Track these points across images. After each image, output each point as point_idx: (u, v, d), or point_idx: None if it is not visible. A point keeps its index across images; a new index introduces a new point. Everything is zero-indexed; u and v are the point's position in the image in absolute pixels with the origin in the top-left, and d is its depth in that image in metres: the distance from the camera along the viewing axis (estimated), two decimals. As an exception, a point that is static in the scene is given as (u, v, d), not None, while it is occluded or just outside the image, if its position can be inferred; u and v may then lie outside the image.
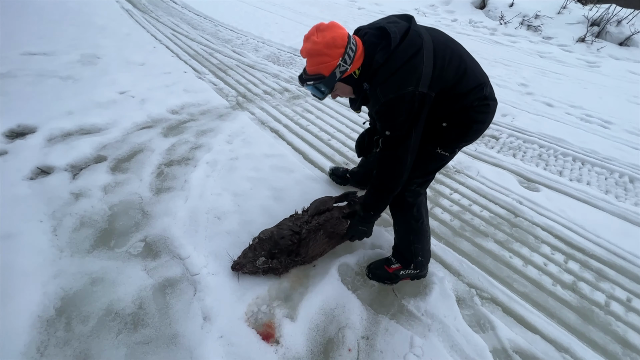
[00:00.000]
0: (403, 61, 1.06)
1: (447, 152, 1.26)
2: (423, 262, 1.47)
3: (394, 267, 1.50)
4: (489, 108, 1.19)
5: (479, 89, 1.15)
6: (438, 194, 2.20)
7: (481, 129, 1.24)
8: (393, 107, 1.09)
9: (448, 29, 7.38)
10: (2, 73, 3.02)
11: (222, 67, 3.96)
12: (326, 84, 1.16)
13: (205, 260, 1.51)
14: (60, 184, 1.84)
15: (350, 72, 1.15)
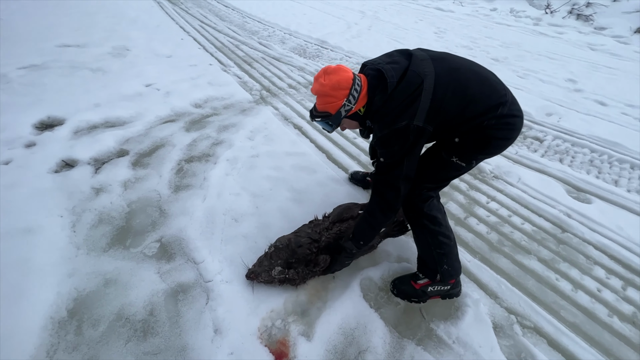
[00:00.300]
0: (399, 102, 1.12)
1: (464, 163, 1.24)
2: (451, 272, 1.34)
3: (421, 282, 1.38)
4: (510, 126, 1.18)
5: (491, 110, 1.14)
6: (473, 202, 2.00)
7: (504, 145, 1.23)
8: (388, 139, 1.16)
9: (486, 20, 6.89)
10: (38, 65, 3.11)
11: (248, 59, 3.89)
12: (333, 121, 1.25)
13: (220, 266, 1.43)
14: (83, 178, 1.84)
15: (355, 110, 1.23)
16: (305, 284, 1.41)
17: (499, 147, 1.23)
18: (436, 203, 1.35)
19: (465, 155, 1.23)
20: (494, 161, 2.35)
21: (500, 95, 1.16)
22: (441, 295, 1.40)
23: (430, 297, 1.39)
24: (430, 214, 1.31)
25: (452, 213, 1.91)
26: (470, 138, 1.19)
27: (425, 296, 1.38)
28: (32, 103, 2.47)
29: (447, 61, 1.20)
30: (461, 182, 2.18)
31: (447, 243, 1.33)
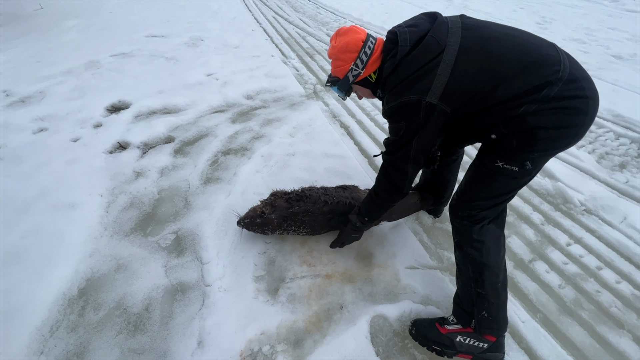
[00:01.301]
0: (410, 72, 0.97)
1: (515, 167, 0.97)
2: (490, 323, 1.04)
3: (450, 328, 1.10)
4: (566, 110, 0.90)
5: (532, 92, 0.89)
6: (546, 241, 1.55)
7: (563, 136, 0.93)
8: (395, 114, 1.03)
9: (613, 7, 5.56)
10: (126, 53, 3.49)
11: (311, 51, 3.78)
12: (340, 87, 1.17)
13: (223, 272, 1.35)
14: (129, 161, 1.95)
15: (364, 76, 1.12)
16: (305, 315, 1.23)
17: (557, 140, 0.93)
18: (492, 228, 1.08)
19: (511, 156, 0.96)
20: (588, 189, 1.81)
21: (549, 74, 0.89)
22: (474, 355, 1.07)
23: (457, 353, 1.08)
24: (480, 240, 1.06)
25: (514, 251, 1.51)
26: (511, 132, 0.94)
27: (452, 348, 1.08)
28: (110, 87, 2.76)
29: (482, 29, 0.97)
30: (535, 211, 1.72)
31: (494, 283, 1.05)
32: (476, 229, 1.06)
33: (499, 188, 1.03)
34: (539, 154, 0.96)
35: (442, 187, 1.55)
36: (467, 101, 0.95)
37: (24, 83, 2.84)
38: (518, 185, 1.03)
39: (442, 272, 1.40)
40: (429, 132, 1.01)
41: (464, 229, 1.08)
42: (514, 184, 1.02)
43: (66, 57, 3.42)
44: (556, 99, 0.89)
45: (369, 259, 1.46)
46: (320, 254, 1.47)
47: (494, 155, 0.99)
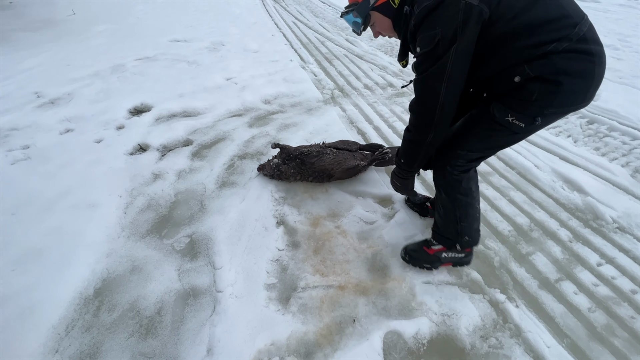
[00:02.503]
0: None
1: (523, 122, 0.93)
2: (470, 242, 1.24)
3: (435, 248, 1.29)
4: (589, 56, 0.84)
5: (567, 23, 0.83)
6: (575, 260, 1.46)
7: (579, 90, 0.88)
8: (428, 16, 0.89)
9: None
10: (150, 57, 3.60)
11: (329, 56, 3.78)
12: (359, 11, 1.06)
13: (235, 278, 1.34)
14: (148, 163, 1.99)
15: None
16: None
17: (574, 94, 0.89)
18: (473, 174, 1.17)
19: (526, 110, 0.92)
20: (622, 205, 1.70)
21: (580, 15, 0.87)
22: (453, 263, 1.32)
23: (442, 264, 1.33)
24: (468, 187, 1.14)
25: (538, 269, 1.43)
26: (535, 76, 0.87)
27: (438, 262, 1.32)
28: (134, 90, 2.84)
29: None
30: (562, 227, 1.63)
31: (474, 214, 1.19)
32: (465, 177, 1.12)
33: (496, 142, 1.04)
34: (554, 110, 0.92)
35: None
36: (504, 12, 0.86)
37: (54, 85, 2.97)
38: (514, 141, 1.04)
39: (461, 289, 1.33)
40: (467, 42, 0.87)
41: (454, 180, 1.12)
42: (512, 139, 1.03)
43: (94, 60, 3.56)
44: (584, 40, 0.84)
45: (384, 271, 1.41)
46: (333, 264, 1.44)
47: (508, 108, 0.94)
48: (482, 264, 1.46)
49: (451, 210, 1.18)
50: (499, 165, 2.07)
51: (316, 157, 1.76)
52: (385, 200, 1.77)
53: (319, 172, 1.76)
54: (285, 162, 1.79)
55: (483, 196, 1.82)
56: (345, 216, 1.66)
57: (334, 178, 1.81)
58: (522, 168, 2.03)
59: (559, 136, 2.38)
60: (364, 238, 1.56)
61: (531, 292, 1.34)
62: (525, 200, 1.80)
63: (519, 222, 1.66)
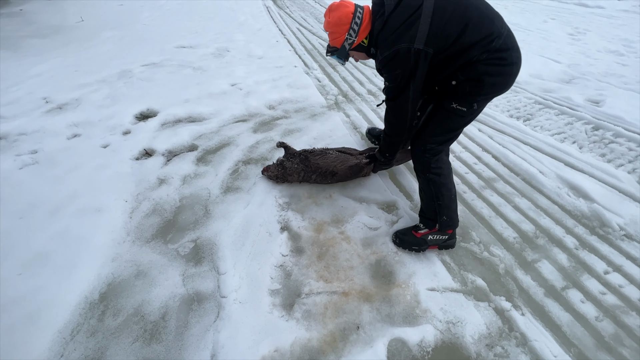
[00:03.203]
0: (397, 25, 1.19)
1: (464, 107, 1.28)
2: (448, 222, 1.44)
3: (421, 232, 1.48)
4: (502, 61, 1.20)
5: (486, 41, 1.17)
6: (582, 268, 1.45)
7: (499, 83, 1.25)
8: (389, 63, 1.23)
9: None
10: (156, 63, 3.64)
11: (333, 62, 3.80)
12: (339, 55, 1.43)
13: (239, 283, 1.35)
14: (153, 168, 2.01)
15: (358, 42, 1.36)
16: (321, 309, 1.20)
17: (495, 85, 1.25)
18: (444, 158, 1.46)
19: (463, 98, 1.27)
20: (628, 213, 1.68)
21: (497, 26, 1.18)
22: (439, 245, 1.49)
23: (429, 246, 1.48)
24: (437, 165, 1.41)
25: (544, 277, 1.41)
26: (466, 79, 1.22)
27: (425, 244, 1.47)
28: (140, 96, 2.88)
29: None
30: (568, 234, 1.62)
31: (449, 196, 1.43)
32: (434, 160, 1.40)
33: (450, 125, 1.36)
34: (483, 97, 1.27)
35: None
36: (444, 45, 1.18)
37: (62, 91, 3.02)
38: (465, 122, 1.36)
39: (466, 296, 1.32)
40: (420, 74, 1.23)
41: (425, 160, 1.41)
42: (461, 121, 1.35)
43: (101, 66, 3.61)
44: (499, 50, 1.17)
45: (388, 278, 1.41)
46: (337, 270, 1.43)
47: (450, 98, 1.29)
48: (487, 271, 1.45)
49: (428, 190, 1.44)
50: (503, 171, 2.07)
51: (319, 155, 1.81)
52: (389, 206, 1.77)
53: (323, 170, 1.79)
54: (290, 159, 1.83)
55: (487, 202, 1.82)
56: (349, 222, 1.67)
57: (338, 176, 1.82)
58: (527, 174, 2.02)
59: (564, 142, 2.37)
60: (368, 244, 1.56)
61: (537, 300, 1.33)
62: (530, 207, 1.79)
63: (524, 229, 1.65)
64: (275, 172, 1.84)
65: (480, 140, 2.37)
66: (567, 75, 3.45)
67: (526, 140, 2.38)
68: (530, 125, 2.59)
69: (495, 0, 6.47)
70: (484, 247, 1.55)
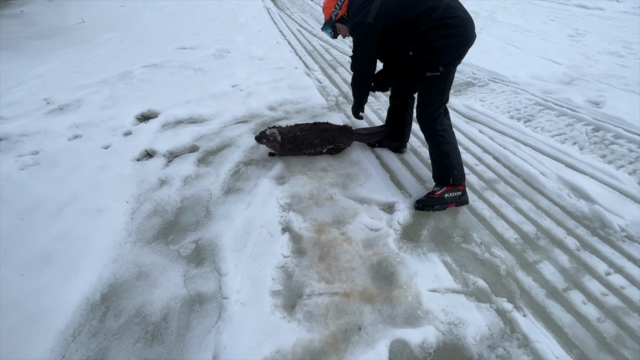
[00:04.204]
0: (359, 4, 1.59)
1: (436, 72, 1.54)
2: (459, 175, 1.67)
3: (438, 192, 1.68)
4: (446, 26, 1.46)
5: (426, 14, 1.45)
6: (583, 269, 1.45)
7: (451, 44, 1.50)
8: (352, 30, 1.67)
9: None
10: (157, 64, 3.65)
11: (334, 63, 3.81)
12: (328, 24, 1.81)
13: (240, 284, 1.35)
14: (155, 169, 2.01)
15: (341, 15, 1.72)
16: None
17: (446, 48, 1.49)
18: (446, 120, 1.71)
19: (430, 65, 1.53)
20: (629, 214, 1.69)
21: (436, 2, 1.45)
22: (456, 202, 1.71)
23: (448, 204, 1.70)
24: (442, 129, 1.67)
25: (546, 278, 1.42)
26: (420, 50, 1.52)
27: (445, 203, 1.69)
28: (141, 97, 2.88)
29: None
30: (569, 235, 1.62)
31: (456, 152, 1.67)
32: (437, 123, 1.67)
33: (436, 90, 1.62)
34: (446, 61, 1.52)
35: (402, 125, 2.09)
36: (393, 21, 1.52)
37: (64, 92, 3.02)
38: (447, 83, 1.61)
39: (468, 298, 1.32)
40: (370, 41, 1.60)
41: (429, 126, 1.68)
42: (445, 83, 1.60)
43: (102, 67, 3.62)
44: (440, 19, 1.44)
45: (389, 278, 1.41)
46: (338, 271, 1.43)
47: (422, 69, 1.56)
48: (489, 272, 1.45)
49: (438, 151, 1.67)
50: (504, 172, 2.07)
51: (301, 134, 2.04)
52: (390, 206, 1.77)
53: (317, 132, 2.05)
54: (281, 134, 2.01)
55: (489, 204, 1.82)
56: (350, 223, 1.67)
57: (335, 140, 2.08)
58: (527, 175, 2.02)
59: (564, 143, 2.37)
60: (369, 245, 1.56)
61: (539, 301, 1.33)
62: (531, 208, 1.79)
63: (525, 230, 1.65)
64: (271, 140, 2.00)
65: (480, 141, 2.37)
66: (567, 76, 3.45)
67: (527, 141, 2.38)
68: (531, 127, 2.60)
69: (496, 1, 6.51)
70: (485, 248, 1.55)
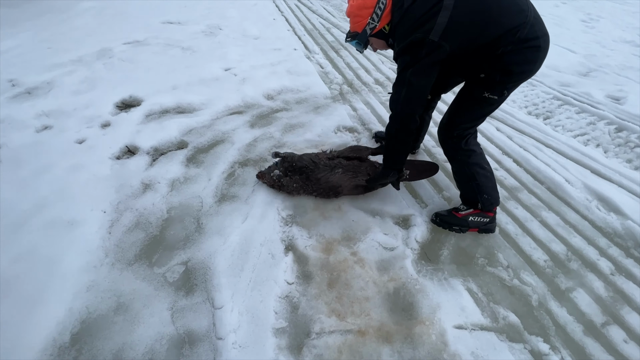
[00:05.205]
0: (416, 17, 1.18)
1: (495, 95, 1.29)
2: (491, 200, 1.46)
3: (463, 212, 1.49)
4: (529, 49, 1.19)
5: (510, 34, 1.15)
6: (619, 297, 1.30)
7: (528, 70, 1.25)
8: (403, 50, 1.24)
9: (671, 4, 5.04)
10: (140, 41, 3.28)
11: (336, 45, 3.49)
12: (360, 39, 1.36)
13: (238, 321, 1.15)
14: (137, 170, 1.76)
15: (379, 28, 1.31)
16: None
17: (524, 73, 1.26)
18: (473, 140, 1.47)
19: (494, 88, 1.28)
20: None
21: (522, 17, 1.15)
22: (479, 228, 1.50)
23: (469, 228, 1.50)
24: (467, 148, 1.44)
25: (582, 310, 1.26)
26: (494, 70, 1.23)
27: (466, 226, 1.49)
28: (122, 80, 2.56)
29: None
30: (602, 257, 1.47)
31: (484, 174, 1.45)
32: (463, 142, 1.43)
33: (480, 112, 1.38)
34: (513, 84, 1.29)
35: (419, 128, 1.81)
36: (463, 40, 1.17)
37: (32, 72, 2.67)
38: (493, 109, 1.38)
39: (499, 336, 1.16)
40: (427, 65, 1.21)
41: (454, 144, 1.45)
42: (491, 108, 1.37)
43: (78, 43, 3.22)
44: (525, 40, 1.16)
45: (409, 312, 1.23)
46: (351, 301, 1.25)
47: (482, 87, 1.29)
48: (519, 302, 1.29)
49: (462, 173, 1.47)
50: (526, 178, 1.89)
51: (323, 172, 1.58)
52: (406, 220, 1.58)
53: (325, 189, 1.60)
54: (288, 174, 1.61)
55: (512, 216, 1.64)
56: (362, 240, 1.47)
57: (342, 194, 1.62)
58: (552, 183, 1.84)
59: (588, 145, 2.19)
60: (384, 268, 1.38)
61: (576, 340, 1.18)
62: (559, 223, 1.62)
63: (554, 250, 1.49)
64: (271, 183, 1.65)
65: (499, 141, 2.17)
66: (584, 67, 3.24)
67: (548, 142, 2.19)
68: (550, 125, 2.40)
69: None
70: (513, 272, 1.39)
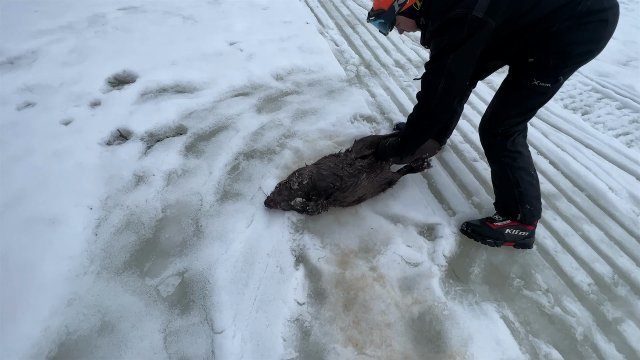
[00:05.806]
0: None
1: (548, 83, 1.07)
2: (533, 212, 1.26)
3: (499, 224, 1.29)
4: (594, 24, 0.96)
5: (568, 7, 0.94)
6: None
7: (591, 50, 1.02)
8: (440, 29, 1.04)
9: None
10: (137, 7, 2.97)
11: (352, 20, 3.17)
12: (386, 18, 1.20)
13: (241, 349, 1.00)
14: (129, 158, 1.56)
15: (410, 4, 1.15)
16: None
17: (587, 53, 1.03)
18: (521, 139, 1.26)
19: (546, 74, 1.06)
20: None
21: None
22: (516, 242, 1.31)
23: (505, 242, 1.30)
24: (514, 149, 1.23)
25: (633, 347, 1.10)
26: (546, 53, 1.02)
27: (502, 239, 1.29)
28: (115, 51, 2.30)
29: None
30: None
31: (529, 180, 1.25)
32: (509, 142, 1.21)
33: (529, 104, 1.15)
34: (570, 68, 1.06)
35: (451, 119, 1.60)
36: (511, 16, 0.99)
37: (16, 39, 2.40)
38: (546, 100, 1.14)
39: None
40: (470, 49, 1.01)
41: (498, 144, 1.23)
42: (543, 99, 1.13)
43: (68, 7, 2.92)
44: (587, 13, 0.95)
45: (437, 342, 1.07)
46: (370, 327, 1.09)
47: (530, 74, 1.07)
48: (560, 334, 1.13)
49: (504, 177, 1.25)
50: (565, 184, 1.68)
51: (349, 185, 1.37)
52: (431, 229, 1.40)
53: (351, 202, 1.43)
54: (312, 197, 1.37)
55: (551, 230, 1.45)
56: (382, 253, 1.30)
57: (366, 199, 1.44)
58: (593, 190, 1.64)
59: (631, 147, 1.96)
60: (407, 288, 1.21)
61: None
62: (602, 239, 1.44)
63: (598, 272, 1.31)
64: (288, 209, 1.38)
65: (534, 138, 1.94)
66: (623, 55, 2.93)
67: (587, 141, 1.96)
68: (590, 121, 2.16)
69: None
70: (554, 298, 1.22)
